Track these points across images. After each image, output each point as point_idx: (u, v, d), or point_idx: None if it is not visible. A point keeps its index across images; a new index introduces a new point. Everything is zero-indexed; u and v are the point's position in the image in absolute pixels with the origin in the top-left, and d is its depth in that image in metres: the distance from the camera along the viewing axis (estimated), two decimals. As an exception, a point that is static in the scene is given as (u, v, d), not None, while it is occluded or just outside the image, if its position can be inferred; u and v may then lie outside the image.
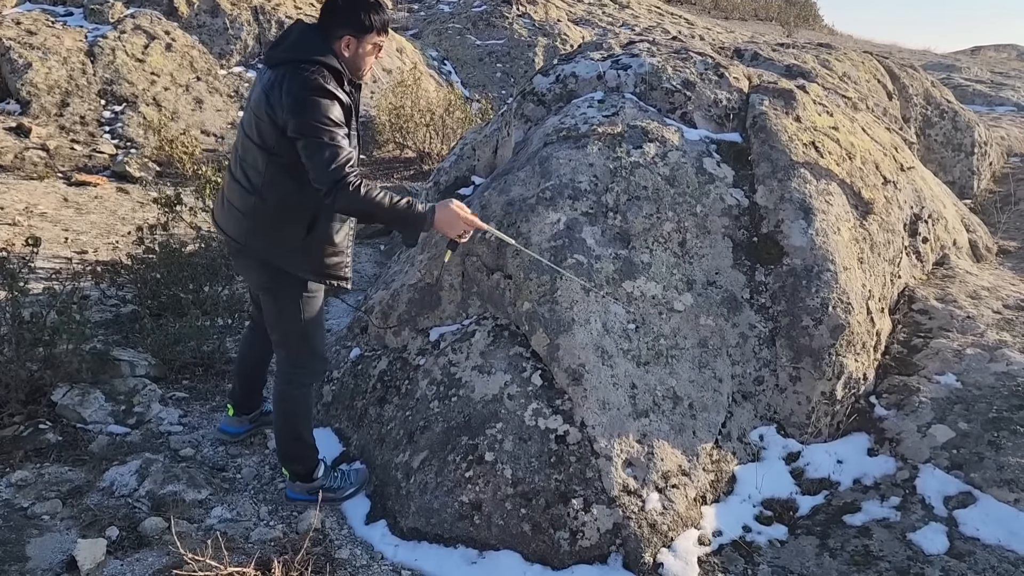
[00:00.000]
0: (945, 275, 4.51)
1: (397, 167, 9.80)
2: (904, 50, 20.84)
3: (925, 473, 3.38)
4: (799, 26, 22.10)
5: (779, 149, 3.99)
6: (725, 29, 18.35)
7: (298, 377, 3.32)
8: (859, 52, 6.55)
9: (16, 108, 9.19)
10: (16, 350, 3.71)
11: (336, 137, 2.74)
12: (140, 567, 2.94)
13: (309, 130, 2.73)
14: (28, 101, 9.15)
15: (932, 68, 14.86)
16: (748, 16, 22.82)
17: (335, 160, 2.71)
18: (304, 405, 3.38)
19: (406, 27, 14.21)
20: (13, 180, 7.84)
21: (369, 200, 2.76)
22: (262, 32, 11.04)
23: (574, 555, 3.11)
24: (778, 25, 21.95)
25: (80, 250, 6.34)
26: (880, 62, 6.55)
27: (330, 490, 3.45)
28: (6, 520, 3.11)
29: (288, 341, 3.28)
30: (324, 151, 2.72)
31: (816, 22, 25.19)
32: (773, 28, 21.56)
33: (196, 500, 3.36)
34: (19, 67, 9.33)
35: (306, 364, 3.32)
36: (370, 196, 2.76)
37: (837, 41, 20.86)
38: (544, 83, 4.54)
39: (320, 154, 2.72)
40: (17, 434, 3.65)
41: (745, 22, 22.34)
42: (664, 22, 16.16)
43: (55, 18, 10.37)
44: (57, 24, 10.24)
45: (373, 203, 2.77)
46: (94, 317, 4.97)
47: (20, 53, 9.43)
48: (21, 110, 9.14)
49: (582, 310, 3.52)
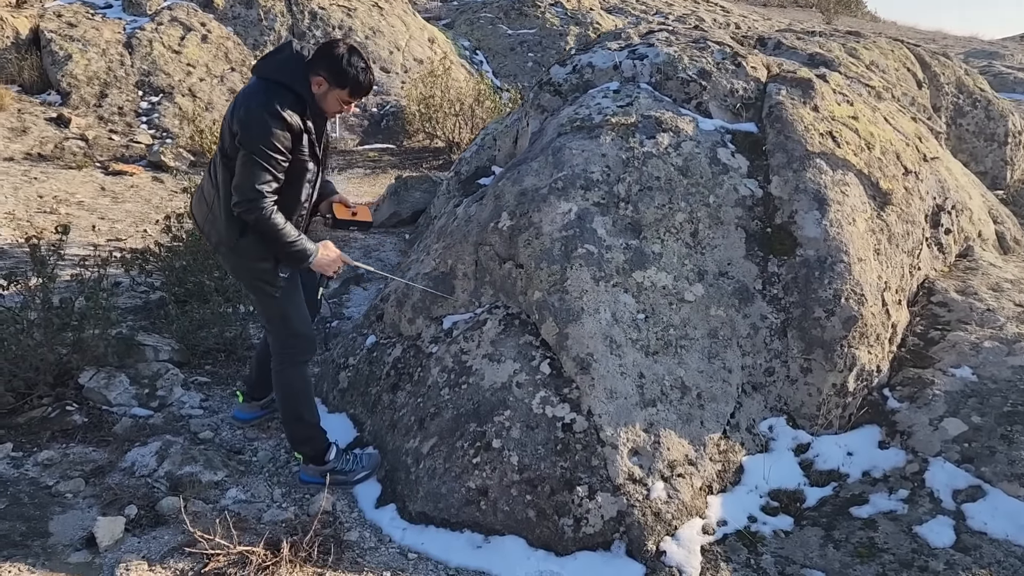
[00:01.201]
0: (968, 267, 4.44)
1: (426, 156, 9.88)
2: (949, 37, 20.36)
3: (935, 466, 3.35)
4: (839, 13, 21.68)
5: (794, 139, 3.96)
6: (762, 17, 18.10)
7: (288, 357, 3.45)
8: (889, 40, 6.43)
9: (57, 99, 9.44)
10: (45, 334, 3.85)
11: (271, 160, 3.00)
12: (156, 544, 3.04)
13: (250, 147, 2.99)
14: (68, 92, 9.40)
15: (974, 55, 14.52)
16: (787, 3, 22.47)
17: (260, 183, 3.00)
18: (298, 385, 3.49)
19: (439, 17, 14.26)
20: (53, 169, 8.06)
21: (274, 227, 3.07)
22: (295, 23, 11.17)
23: (578, 542, 3.15)
24: (818, 12, 21.57)
25: (114, 238, 6.51)
26: (911, 50, 6.43)
27: (341, 472, 3.53)
28: (31, 497, 3.24)
29: (271, 324, 3.45)
30: (255, 170, 2.99)
31: (858, 9, 24.69)
32: (812, 15, 21.20)
33: (212, 481, 3.46)
34: (60, 59, 9.57)
35: (292, 344, 3.45)
36: (275, 224, 3.07)
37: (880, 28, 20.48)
38: (561, 73, 4.56)
39: (251, 171, 3.00)
40: (45, 415, 3.79)
41: (784, 9, 22.01)
42: (699, 10, 15.99)
43: (95, 10, 10.61)
44: (97, 16, 10.48)
45: (276, 230, 3.08)
46: (124, 303, 5.13)
47: (61, 45, 9.67)
48: (61, 101, 9.40)
49: (591, 300, 3.54)
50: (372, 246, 6.73)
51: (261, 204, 3.01)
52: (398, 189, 7.17)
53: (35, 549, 2.93)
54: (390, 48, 11.53)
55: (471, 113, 9.72)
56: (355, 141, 10.28)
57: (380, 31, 11.66)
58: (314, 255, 3.22)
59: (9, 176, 7.53)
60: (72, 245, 5.97)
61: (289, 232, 3.11)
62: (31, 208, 6.82)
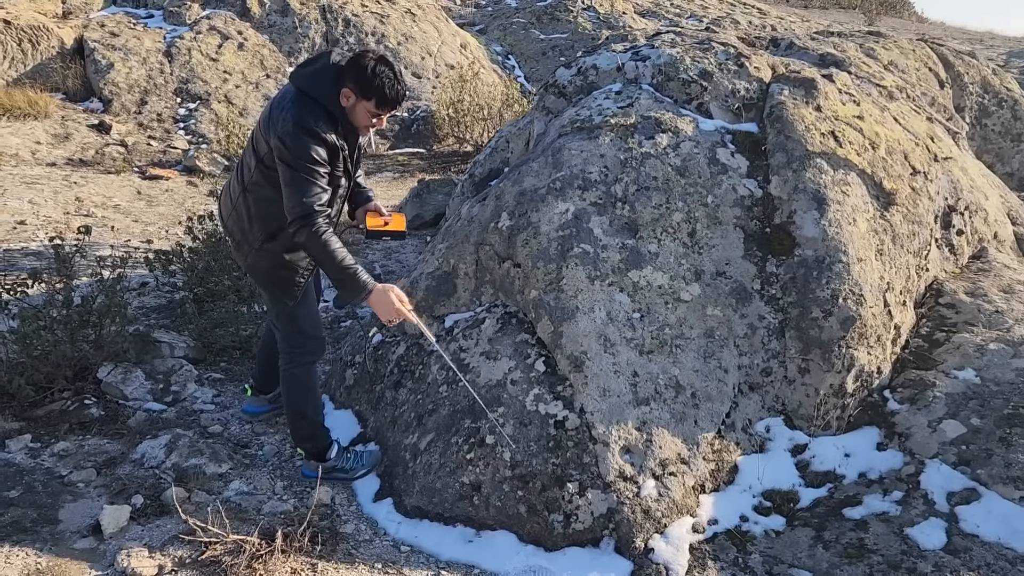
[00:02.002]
0: (980, 268, 4.37)
1: (455, 160, 9.99)
2: (998, 37, 19.88)
3: (931, 468, 3.32)
4: (882, 14, 21.30)
5: (794, 139, 3.94)
6: (801, 18, 17.89)
7: (295, 356, 3.52)
8: (911, 40, 6.35)
9: (99, 106, 9.76)
10: (66, 331, 4.01)
11: (315, 174, 2.98)
12: (158, 532, 3.16)
13: (291, 161, 2.98)
14: (110, 100, 9.71)
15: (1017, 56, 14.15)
16: (829, 4, 22.14)
17: (309, 197, 2.97)
18: (304, 384, 3.56)
19: (472, 22, 14.39)
20: (93, 174, 8.35)
21: (324, 248, 2.99)
22: (329, 30, 11.38)
23: (567, 537, 3.19)
24: (860, 13, 21.22)
25: (146, 239, 6.73)
26: (934, 49, 6.33)
27: (342, 471, 3.62)
28: (45, 486, 3.39)
29: (280, 322, 3.50)
30: (302, 185, 2.97)
31: (904, 9, 24.22)
32: (854, 17, 20.87)
33: (216, 473, 3.57)
34: (102, 67, 9.89)
35: (299, 344, 3.51)
36: (327, 245, 2.99)
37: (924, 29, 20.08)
38: (566, 75, 4.60)
39: (297, 186, 2.98)
40: (64, 408, 3.96)
41: (826, 10, 21.70)
42: (735, 12, 15.87)
43: (136, 20, 10.95)
44: (138, 26, 10.81)
45: (326, 252, 3.00)
46: (150, 303, 5.31)
47: (103, 54, 9.99)
48: (103, 108, 9.71)
49: (586, 299, 3.58)
50: (393, 248, 6.84)
51: (314, 221, 2.95)
52: (420, 192, 7.27)
53: (43, 535, 3.07)
54: (422, 54, 11.68)
55: (499, 117, 9.82)
56: (386, 145, 10.43)
57: (412, 37, 11.82)
58: (368, 291, 3.06)
59: (51, 181, 7.82)
60: (103, 246, 6.19)
61: (342, 256, 3.01)
62: (69, 211, 7.07)
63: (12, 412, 3.82)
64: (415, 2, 12.68)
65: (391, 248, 6.78)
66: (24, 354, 3.90)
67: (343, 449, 3.72)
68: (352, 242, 6.94)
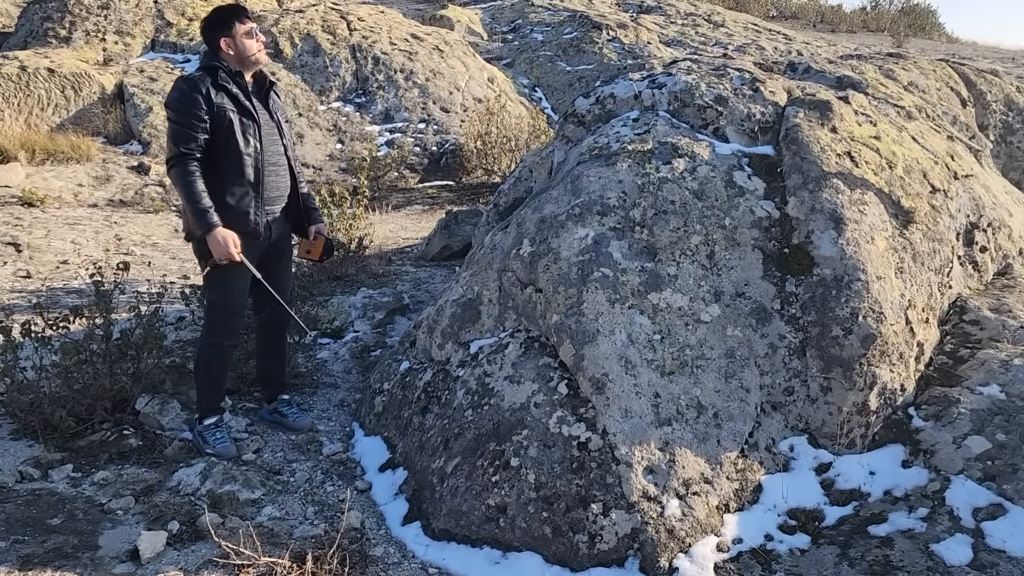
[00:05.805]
0: (1005, 285, 4.36)
1: (483, 192, 10.14)
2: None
3: (956, 484, 3.30)
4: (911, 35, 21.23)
5: (810, 160, 3.99)
6: (827, 43, 17.91)
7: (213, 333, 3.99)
8: (932, 60, 6.37)
9: (138, 148, 10.09)
10: (105, 364, 4.16)
11: (183, 120, 3.56)
12: (194, 557, 3.26)
13: (168, 112, 3.64)
14: (148, 142, 10.03)
15: (1048, 71, 14.02)
16: (857, 28, 22.13)
17: (174, 139, 3.58)
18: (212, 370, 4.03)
19: (500, 56, 14.64)
20: (132, 214, 8.62)
21: (184, 183, 3.57)
22: (359, 68, 11.66)
23: (592, 558, 3.22)
24: (888, 36, 21.18)
25: (183, 275, 6.93)
26: (955, 69, 6.34)
27: (200, 438, 4.04)
28: (85, 514, 3.50)
29: (207, 297, 4.09)
30: (171, 130, 3.61)
31: (934, 30, 24.09)
32: (883, 39, 20.84)
33: (250, 499, 3.67)
34: (141, 111, 10.23)
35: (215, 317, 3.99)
36: (188, 183, 3.56)
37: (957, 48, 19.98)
38: (584, 104, 4.71)
39: (169, 131, 3.62)
40: (104, 439, 4.09)
41: (854, 34, 21.69)
42: (760, 39, 15.96)
43: (174, 64, 11.31)
44: (176, 70, 11.17)
45: (185, 186, 3.57)
46: (186, 336, 5.47)
47: (142, 98, 10.34)
48: (142, 150, 10.04)
49: (607, 321, 3.64)
50: (423, 279, 6.97)
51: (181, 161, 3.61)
52: (448, 223, 7.41)
53: (84, 560, 3.17)
54: (450, 89, 11.91)
55: (526, 148, 9.96)
56: (415, 179, 10.63)
57: (440, 73, 12.06)
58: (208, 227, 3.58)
59: (92, 222, 8.10)
60: (141, 282, 6.39)
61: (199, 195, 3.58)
62: (109, 249, 7.31)
63: (55, 443, 3.96)
64: (443, 39, 12.95)
65: (420, 279, 6.91)
66: (66, 387, 4.05)
67: (214, 425, 4.03)
68: (383, 274, 7.09)
